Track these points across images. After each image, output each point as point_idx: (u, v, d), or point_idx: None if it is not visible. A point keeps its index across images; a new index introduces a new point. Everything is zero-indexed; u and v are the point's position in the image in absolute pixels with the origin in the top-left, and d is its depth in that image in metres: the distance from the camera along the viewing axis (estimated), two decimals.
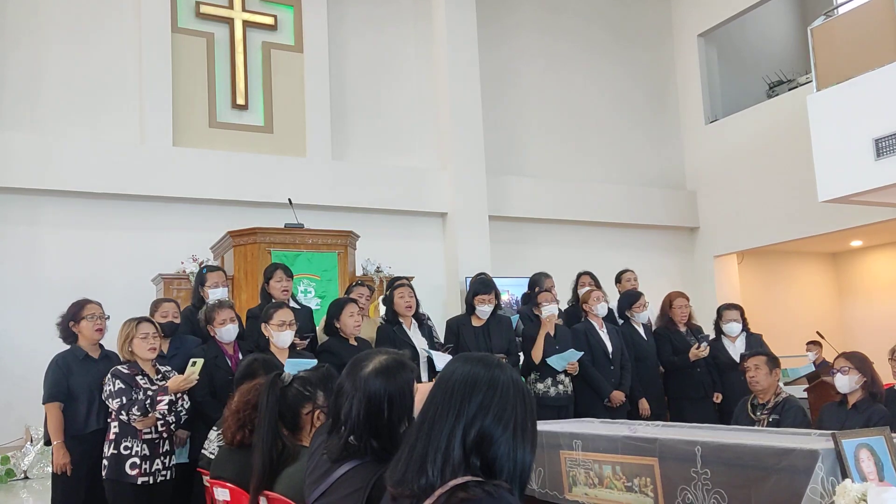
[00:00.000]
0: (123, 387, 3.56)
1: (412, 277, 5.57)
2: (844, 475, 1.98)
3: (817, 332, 7.26)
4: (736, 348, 5.21)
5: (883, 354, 4.08)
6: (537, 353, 4.94)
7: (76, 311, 3.97)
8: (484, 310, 4.93)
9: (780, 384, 4.13)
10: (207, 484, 2.74)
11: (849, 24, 6.61)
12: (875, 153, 6.12)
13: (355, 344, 4.40)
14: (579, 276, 5.86)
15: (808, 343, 7.92)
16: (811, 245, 9.82)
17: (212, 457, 3.05)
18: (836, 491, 1.89)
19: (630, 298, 5.53)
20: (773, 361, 3.91)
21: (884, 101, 6.09)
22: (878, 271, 10.37)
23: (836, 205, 6.97)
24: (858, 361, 3.70)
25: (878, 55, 6.20)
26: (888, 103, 6.06)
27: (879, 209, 7.38)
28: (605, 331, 5.22)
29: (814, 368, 6.24)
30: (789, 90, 9.12)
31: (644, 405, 5.18)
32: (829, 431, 2.27)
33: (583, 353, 4.97)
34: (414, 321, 4.83)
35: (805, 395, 5.46)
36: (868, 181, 6.22)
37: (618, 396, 5.04)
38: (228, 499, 2.48)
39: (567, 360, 4.90)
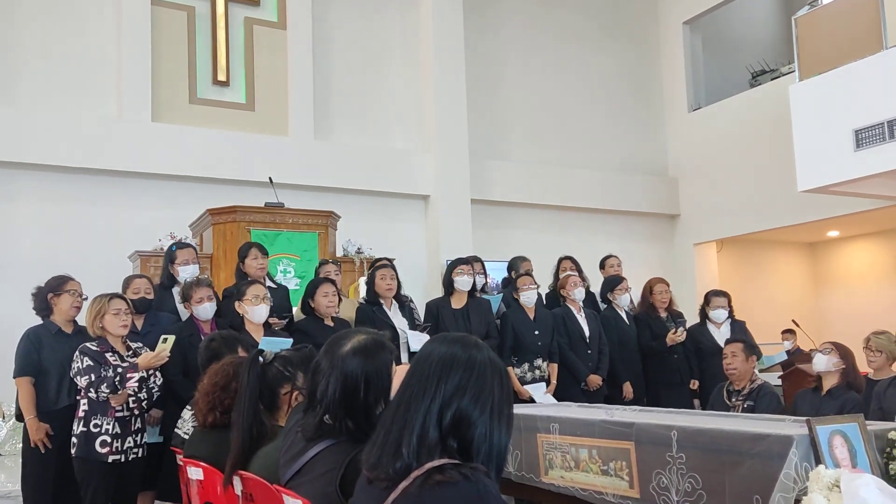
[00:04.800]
0: (92, 364, 3.51)
1: (393, 259, 5.54)
2: (818, 461, 1.99)
3: (793, 321, 7.36)
4: (721, 334, 5.26)
5: (857, 343, 4.12)
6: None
7: (57, 284, 3.90)
8: (462, 280, 4.89)
9: (756, 371, 4.17)
10: (181, 463, 2.71)
11: (833, 15, 6.63)
12: (855, 144, 6.16)
13: (331, 324, 4.38)
14: (560, 260, 5.87)
15: (783, 331, 8.04)
16: (789, 234, 9.92)
17: (185, 436, 3.02)
18: (810, 477, 1.90)
19: (611, 283, 5.57)
20: (751, 349, 3.95)
21: (865, 92, 6.13)
22: (854, 261, 10.51)
23: (814, 195, 7.03)
24: (843, 349, 3.75)
25: (861, 46, 6.23)
26: (869, 94, 6.10)
27: (857, 200, 7.46)
28: (583, 315, 5.25)
29: (787, 356, 6.32)
30: (772, 80, 9.15)
31: (628, 388, 5.22)
32: (804, 418, 2.29)
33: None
34: (395, 302, 4.81)
35: (779, 382, 5.53)
36: (847, 172, 6.28)
37: (594, 380, 5.08)
38: (202, 478, 2.46)
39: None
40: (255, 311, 3.97)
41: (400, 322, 4.69)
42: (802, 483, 1.99)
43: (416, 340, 4.54)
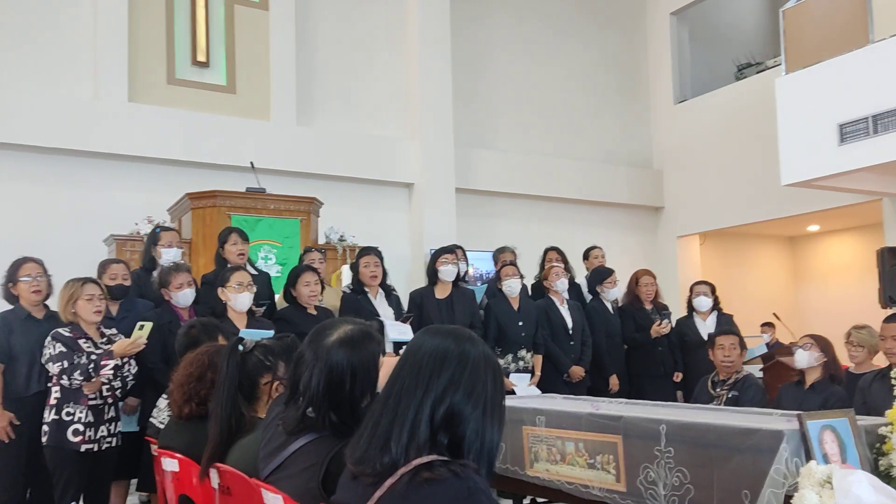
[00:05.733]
0: (65, 350, 3.41)
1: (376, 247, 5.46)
2: (808, 457, 1.97)
3: (774, 314, 7.40)
4: (706, 327, 5.26)
5: (834, 336, 4.13)
6: None
7: (13, 272, 3.80)
8: (447, 269, 4.82)
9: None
10: (156, 453, 2.63)
11: (820, 8, 6.62)
12: (839, 138, 6.17)
13: (314, 313, 4.30)
14: (547, 251, 5.82)
15: (763, 324, 8.10)
16: (770, 228, 9.98)
17: (160, 426, 2.94)
18: (801, 472, 1.88)
19: (601, 274, 5.53)
20: (743, 342, 3.98)
21: (850, 86, 6.14)
22: (833, 256, 10.61)
23: (796, 189, 7.05)
24: (822, 342, 3.76)
25: (848, 40, 6.23)
26: (854, 89, 6.11)
27: (838, 194, 7.50)
28: (566, 307, 5.21)
29: (766, 350, 6.35)
30: (757, 73, 9.16)
31: (614, 381, 5.21)
32: (793, 412, 2.27)
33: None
34: (381, 291, 4.73)
35: (761, 374, 5.55)
36: (831, 166, 6.29)
37: (577, 371, 5.06)
38: (177, 469, 2.38)
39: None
40: (238, 298, 3.87)
41: (386, 311, 4.61)
42: (793, 479, 1.96)
43: (396, 330, 4.47)
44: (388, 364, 1.73)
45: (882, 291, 6.42)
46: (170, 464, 2.43)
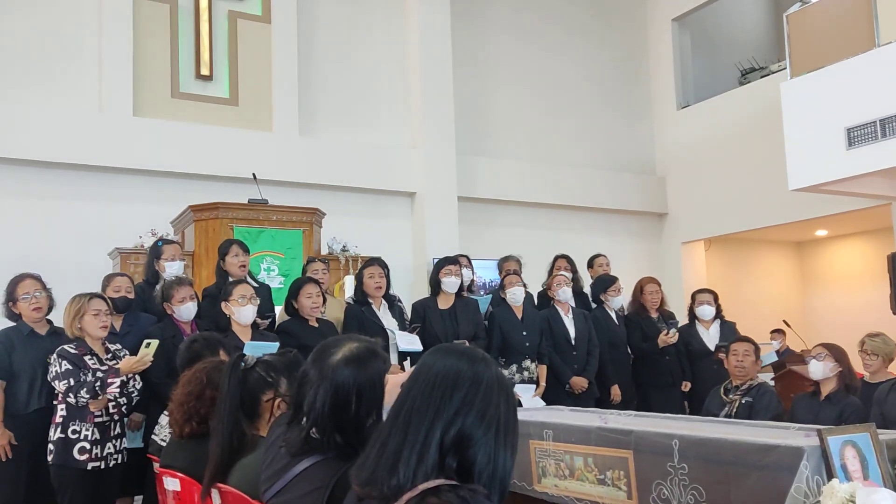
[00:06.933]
0: (71, 368, 3.36)
1: (379, 257, 5.40)
2: (830, 474, 1.90)
3: (784, 321, 7.31)
4: (710, 336, 5.18)
5: (845, 343, 4.05)
6: None
7: (11, 290, 3.77)
8: (450, 281, 4.76)
9: None
10: (157, 472, 2.58)
11: (825, 12, 6.58)
12: (847, 142, 6.11)
13: (316, 325, 4.25)
14: (556, 259, 5.76)
15: (772, 331, 8.01)
16: (777, 233, 9.89)
17: (162, 443, 2.89)
18: (823, 491, 1.81)
19: (604, 283, 5.45)
20: (758, 352, 3.92)
21: (857, 90, 6.08)
22: (841, 261, 10.51)
23: (803, 194, 6.98)
24: (836, 351, 3.68)
25: (853, 44, 6.18)
26: (861, 92, 6.05)
27: (846, 199, 7.43)
28: (571, 316, 5.14)
29: (776, 357, 6.27)
30: (761, 77, 9.11)
31: (616, 391, 5.13)
32: (812, 427, 2.20)
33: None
34: (384, 302, 4.67)
35: (772, 383, 5.47)
36: (839, 170, 6.22)
37: (578, 382, 4.97)
38: (179, 489, 2.33)
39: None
40: (242, 311, 3.84)
41: (390, 322, 4.56)
42: (814, 497, 1.90)
43: (405, 340, 4.43)
44: (392, 381, 1.68)
45: (893, 297, 6.32)
46: (171, 483, 2.38)
